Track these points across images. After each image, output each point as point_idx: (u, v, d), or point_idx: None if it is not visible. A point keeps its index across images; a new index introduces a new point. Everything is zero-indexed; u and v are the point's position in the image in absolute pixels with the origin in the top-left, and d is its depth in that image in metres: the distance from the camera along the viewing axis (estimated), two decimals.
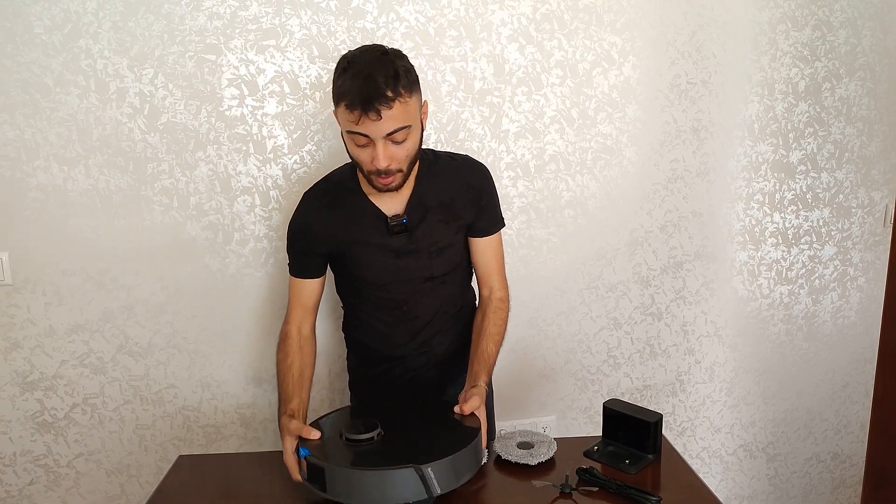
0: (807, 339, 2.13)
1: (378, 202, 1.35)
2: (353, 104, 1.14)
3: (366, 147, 1.20)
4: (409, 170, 1.26)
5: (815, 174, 2.01)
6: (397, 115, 1.16)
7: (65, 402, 1.71)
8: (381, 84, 1.14)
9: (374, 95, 1.13)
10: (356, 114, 1.15)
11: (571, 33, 1.76)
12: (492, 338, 1.38)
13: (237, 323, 1.74)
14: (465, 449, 1.13)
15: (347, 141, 1.23)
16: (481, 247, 1.43)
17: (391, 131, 1.17)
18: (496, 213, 1.44)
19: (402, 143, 1.20)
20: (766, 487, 2.21)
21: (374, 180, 1.25)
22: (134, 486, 1.78)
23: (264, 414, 1.80)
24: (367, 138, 1.18)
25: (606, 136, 1.84)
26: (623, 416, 1.34)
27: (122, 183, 1.63)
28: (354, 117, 1.15)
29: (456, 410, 1.24)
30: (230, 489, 1.26)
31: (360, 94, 1.14)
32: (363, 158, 1.22)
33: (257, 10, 1.60)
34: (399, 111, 1.16)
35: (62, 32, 1.54)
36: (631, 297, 1.96)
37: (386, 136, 1.17)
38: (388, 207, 1.34)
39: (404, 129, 1.19)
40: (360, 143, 1.20)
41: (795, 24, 1.89)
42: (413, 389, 1.47)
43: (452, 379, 1.48)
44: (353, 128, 1.17)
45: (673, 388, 2.06)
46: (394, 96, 1.15)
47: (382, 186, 1.25)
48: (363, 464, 1.11)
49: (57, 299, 1.65)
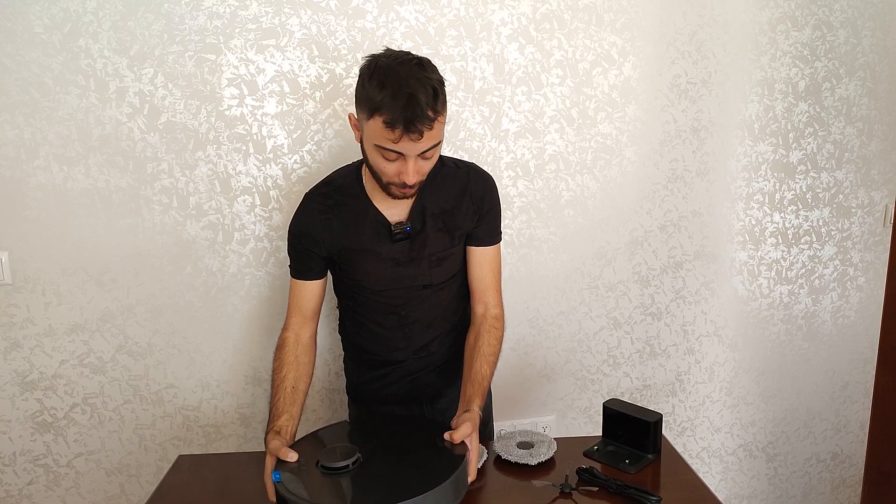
0: (806, 338, 2.13)
1: (382, 208, 1.32)
2: (395, 124, 1.11)
3: (394, 162, 1.18)
4: (425, 179, 1.25)
5: (815, 174, 2.01)
6: (435, 133, 1.16)
7: (64, 401, 1.71)
8: (423, 105, 1.11)
9: (419, 118, 1.11)
10: (397, 133, 1.12)
11: (571, 33, 1.76)
12: (486, 359, 1.32)
13: (237, 322, 1.74)
14: (441, 486, 1.05)
15: (373, 153, 1.19)
16: (478, 258, 1.39)
17: (426, 149, 1.16)
18: (496, 225, 1.40)
19: (430, 156, 1.20)
20: (765, 487, 2.21)
21: (394, 190, 1.23)
22: (134, 485, 1.78)
23: (264, 413, 1.80)
24: (398, 154, 1.16)
25: (606, 136, 1.84)
26: (623, 416, 1.34)
27: (121, 182, 1.63)
28: (394, 136, 1.12)
29: (446, 437, 1.16)
30: (230, 489, 1.26)
31: (403, 114, 1.10)
32: (389, 171, 1.19)
33: (257, 10, 1.60)
34: (437, 130, 1.16)
35: (62, 32, 1.54)
36: (631, 297, 1.96)
37: (419, 154, 1.17)
38: (391, 214, 1.32)
39: (437, 146, 1.19)
40: (390, 158, 1.17)
41: (795, 23, 1.89)
42: (411, 393, 1.45)
43: (451, 383, 1.47)
44: (389, 145, 1.14)
45: (673, 388, 2.06)
46: (434, 116, 1.13)
47: (400, 196, 1.24)
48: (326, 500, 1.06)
49: (56, 299, 1.65)
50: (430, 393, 1.46)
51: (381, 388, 1.46)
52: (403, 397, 1.45)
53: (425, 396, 1.46)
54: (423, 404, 1.47)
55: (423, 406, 1.47)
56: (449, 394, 1.47)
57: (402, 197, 1.25)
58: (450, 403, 1.47)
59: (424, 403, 1.47)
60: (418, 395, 1.45)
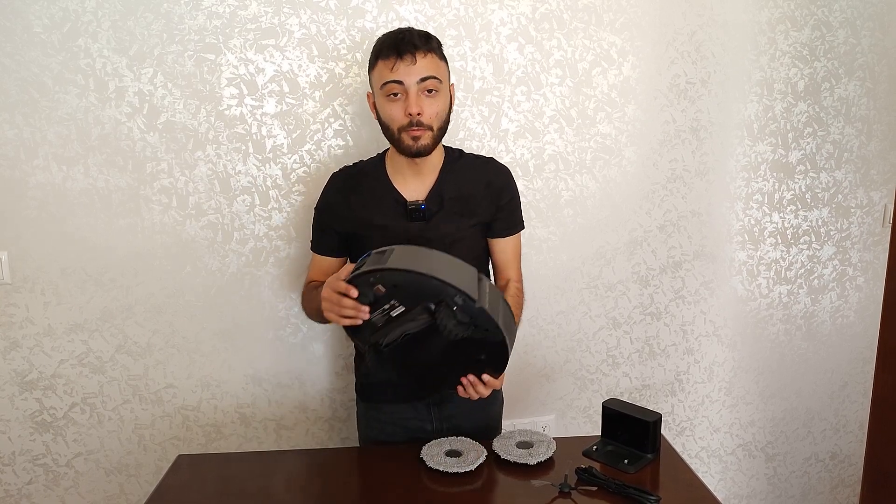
0: (806, 338, 2.13)
1: (401, 189, 1.39)
2: (389, 52, 1.26)
3: (398, 100, 1.28)
4: (438, 135, 1.32)
5: (814, 174, 2.02)
6: (429, 64, 1.27)
7: (64, 401, 1.71)
8: (415, 35, 1.27)
9: (409, 43, 1.26)
10: (391, 60, 1.25)
11: (571, 33, 1.76)
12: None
13: (237, 322, 1.74)
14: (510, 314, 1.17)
15: (382, 102, 1.30)
16: (500, 245, 1.47)
17: (424, 77, 1.26)
18: (517, 215, 1.48)
19: (433, 97, 1.29)
20: (764, 487, 2.21)
21: (405, 139, 1.30)
22: (133, 485, 1.78)
23: (264, 413, 1.80)
24: (400, 86, 1.26)
25: (606, 136, 1.84)
26: (622, 416, 1.34)
27: (121, 182, 1.63)
28: (390, 64, 1.26)
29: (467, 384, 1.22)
30: (229, 488, 1.26)
31: (395, 43, 1.26)
32: (395, 114, 1.29)
33: (256, 10, 1.60)
34: (431, 62, 1.28)
35: (61, 31, 1.54)
36: (630, 297, 1.96)
37: (419, 83, 1.26)
38: (408, 193, 1.39)
39: (435, 79, 1.28)
40: (393, 91, 1.27)
41: (795, 23, 1.89)
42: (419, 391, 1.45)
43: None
44: (388, 76, 1.26)
45: (672, 388, 2.06)
46: (426, 48, 1.27)
47: (412, 144, 1.30)
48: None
49: (56, 298, 1.65)
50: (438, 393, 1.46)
51: (388, 386, 1.46)
52: (411, 395, 1.46)
53: (432, 398, 1.47)
54: (430, 406, 1.47)
55: (430, 408, 1.47)
56: (458, 400, 1.46)
57: (416, 149, 1.30)
58: (457, 408, 1.47)
59: (432, 405, 1.47)
60: (426, 393, 1.46)
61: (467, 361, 1.20)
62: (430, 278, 1.10)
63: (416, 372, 1.25)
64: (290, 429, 1.82)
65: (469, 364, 1.20)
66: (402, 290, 1.12)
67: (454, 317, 1.11)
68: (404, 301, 1.13)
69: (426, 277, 1.10)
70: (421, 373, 1.25)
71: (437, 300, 1.11)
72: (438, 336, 1.13)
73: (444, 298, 1.10)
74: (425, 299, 1.12)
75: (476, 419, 1.49)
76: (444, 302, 1.10)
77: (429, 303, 1.12)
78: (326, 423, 1.83)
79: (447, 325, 1.11)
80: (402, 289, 1.11)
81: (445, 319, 1.11)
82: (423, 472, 1.26)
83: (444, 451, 1.31)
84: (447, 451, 1.31)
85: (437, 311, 1.11)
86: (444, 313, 1.11)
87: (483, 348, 1.17)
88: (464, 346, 1.16)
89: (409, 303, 1.13)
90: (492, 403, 1.53)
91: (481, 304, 1.11)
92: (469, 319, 1.12)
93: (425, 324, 1.13)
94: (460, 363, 1.20)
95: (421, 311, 1.13)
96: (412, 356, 1.19)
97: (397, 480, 1.26)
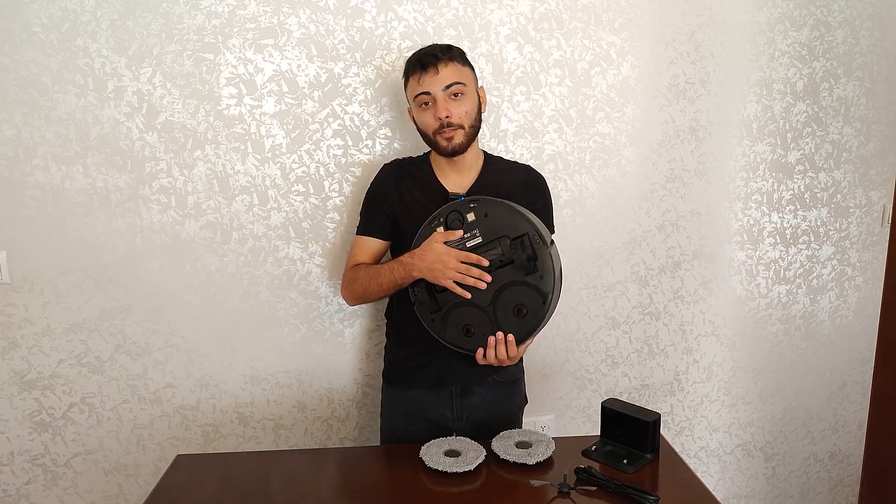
0: (805, 338, 2.13)
1: (444, 181, 1.50)
2: (415, 67, 1.41)
3: (429, 108, 1.41)
4: (470, 133, 1.44)
5: (813, 174, 2.02)
6: (452, 72, 1.40)
7: (62, 401, 1.71)
8: (436, 50, 1.42)
9: (431, 55, 1.40)
10: (418, 74, 1.41)
11: (570, 33, 1.76)
12: None
13: (236, 322, 1.74)
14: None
15: (417, 113, 1.45)
16: None
17: (448, 84, 1.39)
18: (549, 220, 1.56)
19: (459, 99, 1.41)
20: (763, 486, 2.21)
21: (441, 141, 1.42)
22: (132, 485, 1.78)
23: (262, 413, 1.80)
24: (429, 96, 1.40)
25: (605, 136, 1.84)
26: (621, 416, 1.34)
27: (120, 182, 1.62)
28: (417, 77, 1.41)
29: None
30: (228, 488, 1.26)
31: (419, 58, 1.42)
32: (429, 121, 1.42)
33: (255, 9, 1.60)
34: (453, 70, 1.41)
35: (60, 31, 1.54)
36: (629, 297, 1.96)
37: (445, 91, 1.39)
38: (450, 187, 1.49)
39: (459, 84, 1.41)
40: (424, 101, 1.41)
41: (794, 23, 1.89)
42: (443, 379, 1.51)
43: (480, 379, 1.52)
44: (418, 89, 1.41)
45: (671, 388, 2.06)
46: (448, 58, 1.41)
47: (447, 144, 1.42)
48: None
49: (55, 298, 1.65)
50: (461, 382, 1.51)
51: (413, 367, 1.53)
52: (434, 383, 1.51)
53: (455, 387, 1.51)
54: (452, 395, 1.52)
55: (452, 398, 1.52)
56: (480, 391, 1.52)
57: (451, 148, 1.42)
58: (482, 402, 1.52)
59: (454, 395, 1.52)
60: (448, 382, 1.51)
61: (509, 312, 1.35)
62: (522, 215, 1.34)
63: (460, 315, 1.37)
64: (289, 428, 1.82)
65: (508, 318, 1.35)
66: (489, 221, 1.34)
67: (526, 251, 1.32)
68: (484, 233, 1.34)
69: (518, 213, 1.34)
70: (464, 317, 1.37)
71: (516, 235, 1.33)
72: (495, 279, 1.33)
73: (524, 234, 1.32)
74: (506, 233, 1.33)
75: (496, 411, 1.53)
76: (522, 238, 1.32)
77: (507, 237, 1.33)
78: (325, 423, 1.83)
79: (519, 256, 1.32)
80: (490, 219, 1.34)
81: (519, 251, 1.32)
82: (422, 472, 1.26)
83: (442, 451, 1.31)
84: (446, 450, 1.31)
85: (513, 244, 1.32)
86: (519, 246, 1.32)
87: (529, 299, 1.33)
88: (514, 293, 1.34)
89: (489, 235, 1.34)
90: (512, 397, 1.58)
91: (550, 251, 1.33)
92: (536, 260, 1.32)
93: (495, 256, 1.34)
94: (503, 312, 1.35)
95: (496, 244, 1.34)
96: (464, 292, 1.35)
97: (396, 480, 1.26)
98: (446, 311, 1.38)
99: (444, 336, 1.40)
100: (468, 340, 1.38)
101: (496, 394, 1.54)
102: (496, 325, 1.35)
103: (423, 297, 1.40)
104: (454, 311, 1.38)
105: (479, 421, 1.51)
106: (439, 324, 1.39)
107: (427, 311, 1.40)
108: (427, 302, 1.40)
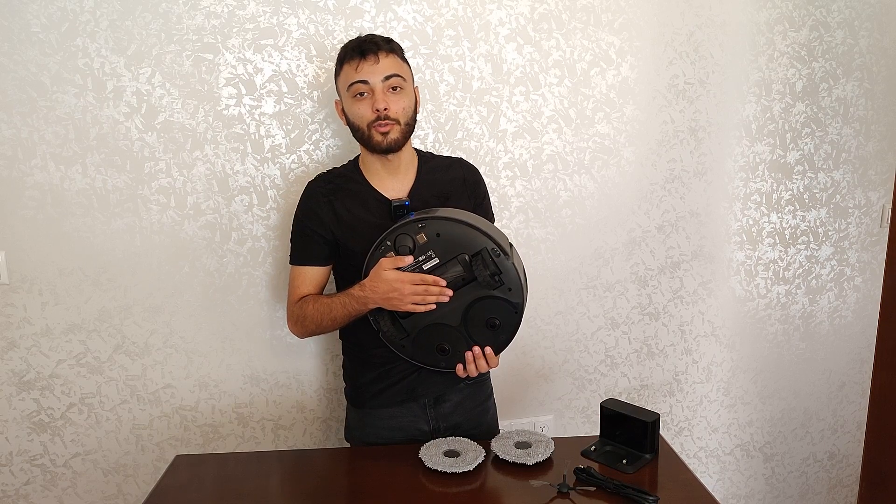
0: (804, 338, 2.13)
1: (380, 189, 1.41)
2: (353, 54, 1.32)
3: (365, 99, 1.33)
4: (405, 131, 1.36)
5: (812, 174, 2.02)
6: (392, 63, 1.33)
7: (61, 401, 1.71)
8: (376, 38, 1.34)
9: (372, 43, 1.32)
10: (355, 61, 1.32)
11: (569, 33, 1.76)
12: None
13: (235, 322, 1.74)
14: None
15: (349, 104, 1.35)
16: None
17: (388, 75, 1.32)
18: (490, 210, 1.55)
19: (398, 94, 1.33)
20: (762, 487, 2.22)
21: (375, 135, 1.33)
22: (131, 485, 1.78)
23: (262, 413, 1.80)
24: (366, 85, 1.31)
25: (604, 136, 1.84)
26: (621, 416, 1.34)
27: (119, 182, 1.62)
28: (354, 65, 1.32)
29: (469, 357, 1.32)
30: (228, 489, 1.26)
31: (358, 45, 1.33)
32: (364, 112, 1.33)
33: (255, 10, 1.60)
34: (393, 62, 1.34)
35: (59, 31, 1.54)
36: (628, 297, 1.96)
37: (384, 81, 1.31)
38: (389, 194, 1.40)
39: (399, 77, 1.33)
40: (360, 91, 1.32)
41: (793, 24, 1.90)
42: (413, 393, 1.45)
43: (453, 384, 1.47)
44: (354, 77, 1.32)
45: (670, 388, 2.06)
46: (389, 49, 1.34)
47: (381, 139, 1.33)
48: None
49: (54, 299, 1.65)
50: (434, 393, 1.46)
51: (382, 388, 1.45)
52: (405, 398, 1.45)
53: (427, 398, 1.46)
54: (426, 407, 1.47)
55: (426, 409, 1.47)
56: (453, 397, 1.48)
57: (386, 145, 1.33)
58: (454, 407, 1.48)
59: (427, 407, 1.47)
60: (421, 395, 1.45)
61: (482, 326, 1.29)
62: (475, 229, 1.24)
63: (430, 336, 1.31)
64: (288, 429, 1.82)
65: (481, 331, 1.29)
66: (442, 241, 1.24)
67: (488, 268, 1.23)
68: (440, 253, 1.25)
69: (471, 228, 1.24)
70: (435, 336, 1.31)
71: (474, 252, 1.24)
72: (461, 297, 1.26)
73: (482, 250, 1.23)
74: (463, 251, 1.24)
75: (469, 408, 1.50)
76: (481, 253, 1.23)
77: (465, 254, 1.24)
78: (324, 423, 1.83)
79: (482, 274, 1.23)
80: (443, 239, 1.24)
81: (481, 269, 1.23)
82: (422, 473, 1.26)
83: (442, 452, 1.31)
84: (445, 451, 1.31)
85: (473, 261, 1.23)
86: (480, 263, 1.23)
87: (500, 311, 1.27)
88: (483, 308, 1.27)
89: (445, 255, 1.24)
90: (480, 391, 1.54)
91: (513, 261, 1.25)
92: (500, 274, 1.24)
93: (456, 275, 1.25)
94: (475, 327, 1.29)
95: (454, 263, 1.24)
96: (432, 315, 1.28)
97: (395, 480, 1.26)
98: (416, 335, 1.31)
99: (419, 360, 1.35)
100: (444, 359, 1.32)
101: (466, 392, 1.50)
102: (470, 341, 1.30)
103: (388, 326, 1.31)
104: (424, 333, 1.31)
105: (454, 423, 1.47)
106: (411, 349, 1.33)
107: (396, 339, 1.32)
108: (393, 331, 1.31)
